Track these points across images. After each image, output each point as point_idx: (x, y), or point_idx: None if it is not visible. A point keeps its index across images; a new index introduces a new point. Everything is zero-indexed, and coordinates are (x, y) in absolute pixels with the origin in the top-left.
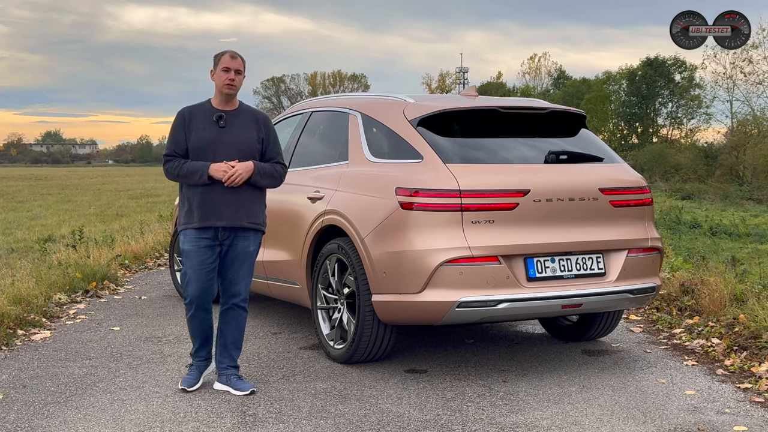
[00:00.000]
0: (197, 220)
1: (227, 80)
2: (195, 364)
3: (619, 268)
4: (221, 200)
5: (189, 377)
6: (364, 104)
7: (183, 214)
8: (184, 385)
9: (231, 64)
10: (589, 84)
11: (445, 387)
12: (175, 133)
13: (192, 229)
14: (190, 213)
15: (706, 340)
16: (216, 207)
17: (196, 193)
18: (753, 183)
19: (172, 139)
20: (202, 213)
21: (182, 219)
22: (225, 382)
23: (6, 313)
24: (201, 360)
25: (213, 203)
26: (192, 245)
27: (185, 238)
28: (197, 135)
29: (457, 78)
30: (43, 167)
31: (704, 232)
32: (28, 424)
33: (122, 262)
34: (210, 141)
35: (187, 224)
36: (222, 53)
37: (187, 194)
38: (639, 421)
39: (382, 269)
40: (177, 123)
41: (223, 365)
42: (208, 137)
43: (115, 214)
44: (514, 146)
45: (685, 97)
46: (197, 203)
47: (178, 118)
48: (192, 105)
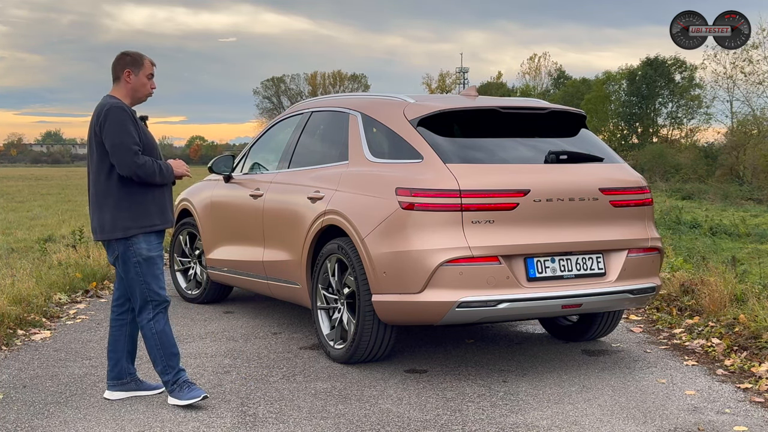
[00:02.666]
0: (161, 222)
1: (151, 87)
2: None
3: (619, 268)
4: (170, 201)
5: (193, 387)
6: (364, 104)
7: (137, 217)
8: (201, 394)
9: (153, 70)
10: (589, 84)
11: (445, 387)
12: (134, 127)
13: (155, 232)
14: (149, 215)
15: (706, 340)
16: (169, 208)
17: (155, 194)
18: (753, 183)
19: (135, 133)
20: (165, 215)
21: (139, 222)
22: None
23: (6, 313)
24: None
25: (169, 204)
26: (158, 250)
27: (149, 245)
28: (146, 135)
29: (457, 78)
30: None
31: (704, 232)
32: (28, 424)
33: None
34: (154, 143)
35: (151, 227)
36: (141, 56)
37: (139, 195)
38: (639, 421)
39: (382, 269)
40: (128, 117)
41: (133, 371)
42: (153, 139)
43: None
44: (514, 146)
45: (685, 97)
46: (159, 205)
47: (126, 112)
48: (116, 101)
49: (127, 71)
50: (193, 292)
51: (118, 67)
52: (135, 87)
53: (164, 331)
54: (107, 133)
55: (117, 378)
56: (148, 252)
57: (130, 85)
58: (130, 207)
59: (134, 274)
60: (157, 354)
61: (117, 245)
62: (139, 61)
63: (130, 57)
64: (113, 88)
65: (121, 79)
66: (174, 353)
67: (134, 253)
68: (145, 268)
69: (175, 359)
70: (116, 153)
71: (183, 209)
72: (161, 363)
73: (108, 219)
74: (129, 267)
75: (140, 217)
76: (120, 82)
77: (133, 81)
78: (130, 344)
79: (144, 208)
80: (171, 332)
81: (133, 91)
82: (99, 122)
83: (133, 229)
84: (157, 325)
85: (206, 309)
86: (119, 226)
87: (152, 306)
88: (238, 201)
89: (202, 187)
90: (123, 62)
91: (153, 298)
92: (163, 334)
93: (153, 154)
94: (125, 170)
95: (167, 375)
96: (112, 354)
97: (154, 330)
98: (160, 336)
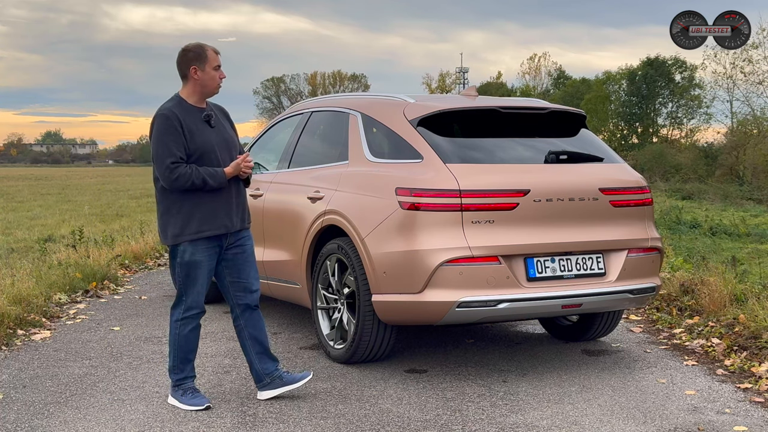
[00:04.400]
0: (210, 228)
1: (220, 78)
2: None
3: (619, 268)
4: (231, 204)
5: (199, 395)
6: (364, 104)
7: (184, 224)
8: (205, 403)
9: (219, 61)
10: (589, 84)
11: (445, 387)
12: (174, 137)
13: (203, 238)
14: (196, 222)
15: (706, 340)
16: (228, 212)
17: (206, 200)
18: (753, 183)
19: (174, 143)
20: (215, 220)
21: (187, 229)
22: (280, 384)
23: (6, 313)
24: (193, 377)
25: (225, 208)
26: (204, 255)
27: (194, 249)
28: (201, 137)
29: (457, 78)
30: (43, 167)
31: (704, 232)
32: (28, 424)
33: (122, 262)
34: (215, 143)
35: (198, 233)
36: (203, 48)
37: (186, 201)
38: (639, 421)
39: (382, 269)
40: (170, 126)
41: (273, 368)
42: (213, 139)
43: (115, 214)
44: (514, 146)
45: (685, 97)
46: (209, 210)
47: (169, 120)
48: (169, 105)
49: (193, 68)
50: None
51: (183, 64)
52: (203, 82)
53: (187, 337)
54: (151, 143)
55: (258, 381)
56: (191, 256)
57: (199, 81)
58: (178, 214)
59: (176, 275)
60: (173, 352)
61: (169, 247)
62: (203, 55)
63: (193, 52)
64: (181, 86)
65: (188, 76)
66: (188, 359)
67: (179, 256)
68: (185, 270)
69: (188, 365)
70: (154, 164)
71: None
72: (173, 362)
73: (160, 224)
74: (173, 265)
75: (187, 224)
76: (188, 80)
77: (201, 76)
78: (257, 345)
79: (189, 215)
80: (195, 341)
81: (202, 86)
82: (150, 129)
83: (181, 237)
84: (182, 329)
85: (206, 309)
86: (168, 233)
87: (183, 308)
88: None
89: None
90: (187, 59)
91: (185, 300)
92: (185, 339)
93: (209, 158)
94: (163, 182)
95: (174, 374)
96: (246, 358)
97: (178, 332)
98: (181, 339)
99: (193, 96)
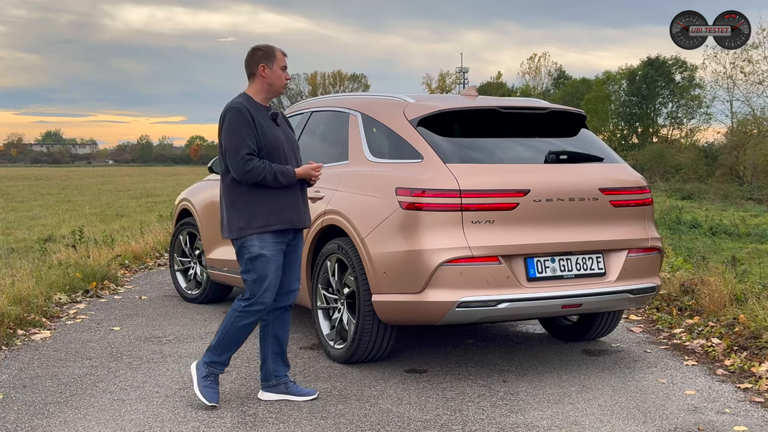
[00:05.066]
0: (277, 222)
1: (286, 79)
2: (215, 374)
3: (619, 268)
4: (298, 200)
5: (215, 390)
6: (364, 104)
7: (251, 217)
8: (214, 401)
9: (286, 62)
10: (589, 84)
11: (445, 387)
12: (247, 130)
13: (270, 232)
14: (263, 216)
15: (706, 340)
16: (294, 208)
17: (273, 195)
18: (753, 183)
19: (248, 136)
20: (282, 214)
21: (253, 222)
22: (284, 391)
23: (6, 313)
24: (225, 366)
25: (291, 204)
26: (271, 249)
27: (262, 243)
28: (271, 133)
29: (457, 78)
30: (43, 167)
31: (704, 232)
32: (28, 424)
33: (122, 262)
34: (282, 140)
35: (264, 227)
36: (273, 49)
37: (254, 196)
38: (639, 421)
39: (382, 269)
40: (242, 119)
41: (283, 373)
42: (280, 137)
43: (115, 214)
44: (515, 146)
45: (685, 97)
46: (276, 205)
47: (241, 113)
48: (239, 100)
49: (261, 65)
50: (193, 292)
51: (252, 62)
52: (270, 81)
53: (239, 330)
54: (222, 135)
55: (264, 379)
56: (259, 250)
57: (266, 79)
58: (244, 207)
59: (244, 269)
60: (219, 334)
61: (234, 242)
62: (272, 54)
63: (262, 51)
64: (248, 85)
65: (256, 74)
66: (229, 349)
67: (246, 250)
68: (252, 266)
69: (226, 354)
70: (226, 156)
71: (183, 209)
72: (216, 341)
73: (225, 218)
74: (241, 262)
75: (253, 217)
76: (255, 78)
77: (269, 75)
78: (276, 345)
79: (257, 208)
80: (244, 337)
81: (269, 85)
82: (219, 123)
83: (247, 230)
84: (238, 320)
85: (206, 309)
86: (234, 227)
87: (247, 302)
88: None
89: (202, 187)
90: (256, 57)
91: (251, 294)
92: (236, 330)
93: (277, 154)
94: (235, 173)
95: (210, 353)
96: (261, 353)
97: (233, 320)
98: (231, 329)
99: (259, 94)
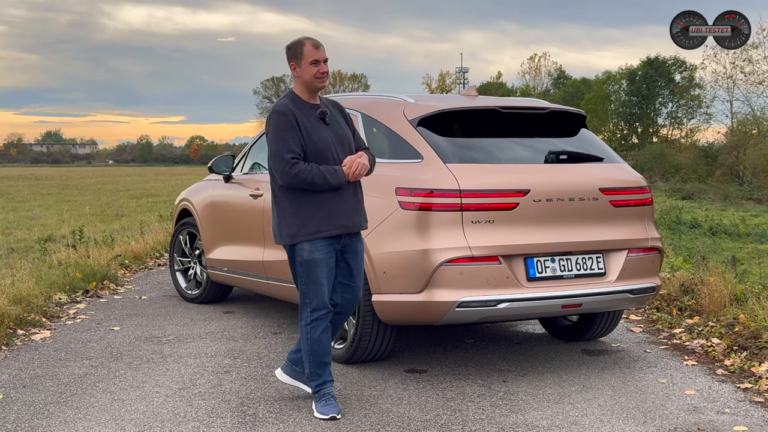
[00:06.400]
0: (329, 228)
1: (319, 74)
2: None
3: (619, 268)
4: (350, 203)
5: (332, 403)
6: (364, 104)
7: (302, 223)
8: (334, 412)
9: (318, 55)
10: (589, 84)
11: (445, 387)
12: (291, 132)
13: (322, 237)
14: (314, 222)
15: (706, 340)
16: (347, 212)
17: (325, 198)
18: (753, 183)
19: (292, 140)
20: (333, 220)
21: (305, 228)
22: (303, 381)
23: (6, 313)
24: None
25: (344, 208)
26: (323, 253)
27: (313, 248)
28: (317, 134)
29: (457, 78)
30: (43, 167)
31: (704, 232)
32: (28, 424)
33: (122, 262)
34: (331, 140)
35: (316, 233)
36: (300, 44)
37: (305, 201)
38: (639, 421)
39: (382, 269)
40: (286, 122)
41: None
42: (328, 136)
43: (115, 214)
44: (515, 146)
45: (685, 97)
46: (326, 210)
47: (285, 116)
48: (284, 102)
49: (292, 65)
50: (193, 292)
51: (288, 62)
52: (304, 78)
53: (319, 339)
54: (268, 140)
55: (294, 362)
56: (310, 254)
57: (299, 77)
58: (295, 213)
59: (296, 275)
60: (308, 359)
61: (285, 246)
62: (298, 51)
63: (291, 50)
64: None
65: (294, 74)
66: (325, 363)
67: (298, 255)
68: (305, 270)
69: (325, 369)
70: (271, 161)
71: (183, 209)
72: (309, 368)
73: (275, 224)
74: (294, 268)
75: (304, 224)
76: (295, 77)
77: (301, 73)
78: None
79: (308, 214)
80: (328, 341)
81: (305, 82)
82: (265, 127)
83: (297, 237)
84: (313, 332)
85: (206, 309)
86: (285, 233)
87: (309, 310)
88: (238, 201)
89: (202, 187)
90: (287, 57)
91: (310, 301)
92: (318, 342)
93: (324, 156)
94: (281, 179)
95: (313, 381)
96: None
97: (309, 335)
98: (313, 343)
99: (303, 92)
